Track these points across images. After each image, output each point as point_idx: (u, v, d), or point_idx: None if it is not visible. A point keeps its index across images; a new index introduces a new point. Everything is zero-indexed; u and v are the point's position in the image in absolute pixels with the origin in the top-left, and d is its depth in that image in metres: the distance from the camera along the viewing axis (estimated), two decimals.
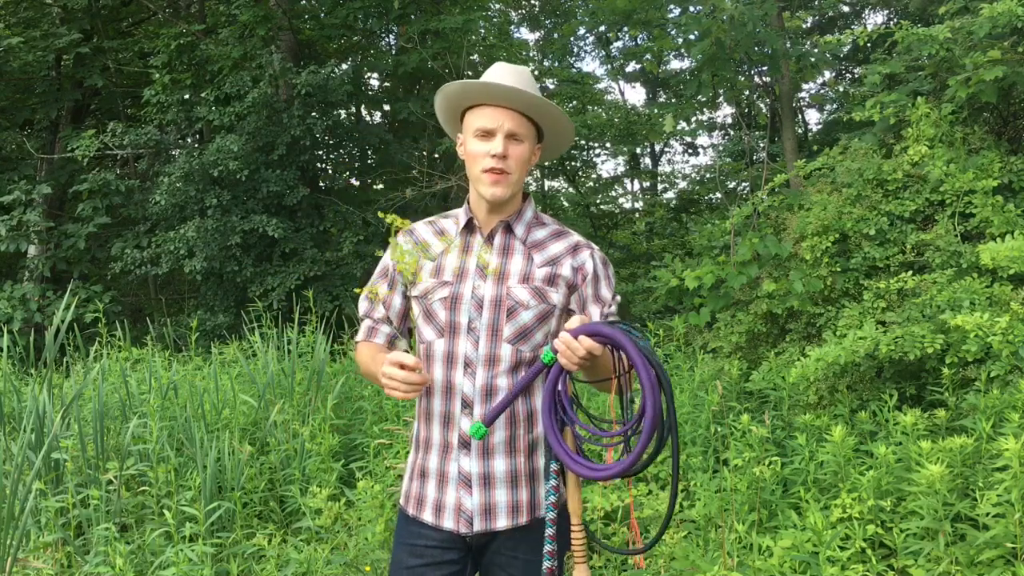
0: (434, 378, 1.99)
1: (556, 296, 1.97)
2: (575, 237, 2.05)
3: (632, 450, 1.72)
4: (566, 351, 1.77)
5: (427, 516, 2.00)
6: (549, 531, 1.89)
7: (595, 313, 2.00)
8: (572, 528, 1.90)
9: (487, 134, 1.94)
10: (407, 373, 1.82)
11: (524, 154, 1.97)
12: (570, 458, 1.81)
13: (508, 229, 2.01)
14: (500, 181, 1.94)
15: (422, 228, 2.10)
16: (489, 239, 2.01)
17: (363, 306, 2.13)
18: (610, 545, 1.97)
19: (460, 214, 2.07)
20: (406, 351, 2.02)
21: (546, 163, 16.10)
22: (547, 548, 1.88)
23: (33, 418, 4.44)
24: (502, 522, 1.96)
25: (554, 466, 1.90)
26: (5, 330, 6.98)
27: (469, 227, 2.04)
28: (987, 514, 2.87)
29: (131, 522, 4.02)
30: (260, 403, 5.10)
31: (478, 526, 1.96)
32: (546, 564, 1.88)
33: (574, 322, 1.79)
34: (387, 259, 2.10)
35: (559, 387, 1.84)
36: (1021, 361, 3.72)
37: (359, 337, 2.13)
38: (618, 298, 2.05)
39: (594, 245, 2.06)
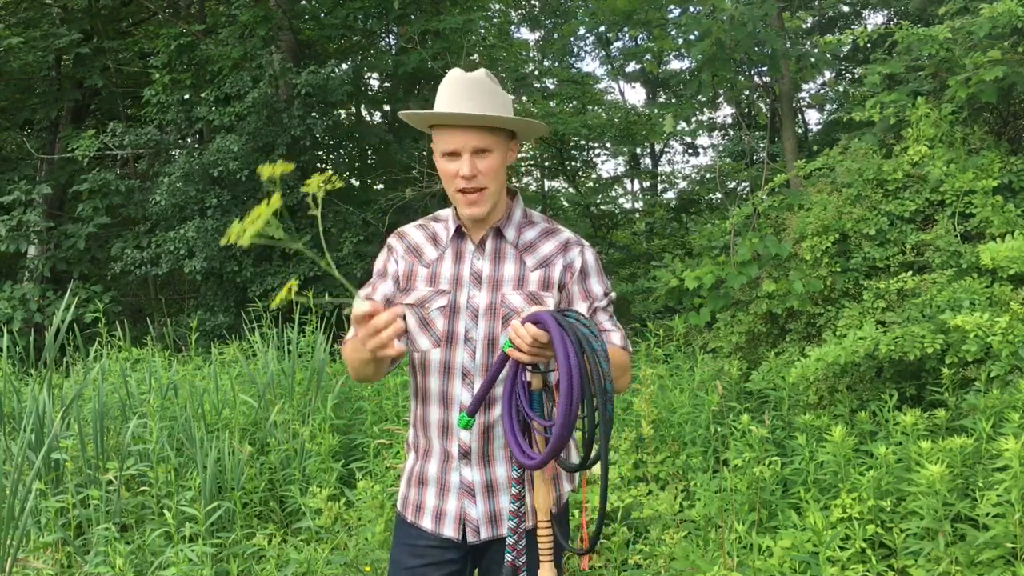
0: (430, 388, 1.98)
1: (551, 301, 1.95)
2: (565, 234, 2.02)
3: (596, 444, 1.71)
4: (516, 339, 1.75)
5: (426, 523, 1.99)
6: (510, 524, 1.87)
7: (582, 309, 1.97)
8: (539, 524, 1.87)
9: (453, 155, 1.90)
10: (370, 326, 1.65)
11: (494, 165, 1.91)
12: (516, 443, 1.79)
13: (498, 234, 1.99)
14: (476, 200, 1.90)
15: (413, 232, 2.06)
16: (480, 245, 1.98)
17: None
18: (571, 546, 1.95)
19: (449, 219, 2.02)
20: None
21: (546, 163, 16.13)
22: (509, 542, 1.87)
23: (33, 418, 4.44)
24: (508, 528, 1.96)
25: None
26: (5, 330, 6.98)
27: (459, 233, 2.01)
28: (987, 514, 2.87)
29: (131, 522, 4.02)
30: (260, 403, 5.10)
31: (485, 534, 1.96)
32: (508, 557, 1.87)
33: (527, 311, 1.78)
34: (381, 261, 2.07)
35: (519, 377, 1.81)
36: (1021, 361, 3.72)
37: (349, 335, 2.06)
38: (612, 295, 2.02)
39: (584, 241, 2.03)
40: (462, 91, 1.91)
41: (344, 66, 11.80)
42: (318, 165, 12.14)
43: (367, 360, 1.79)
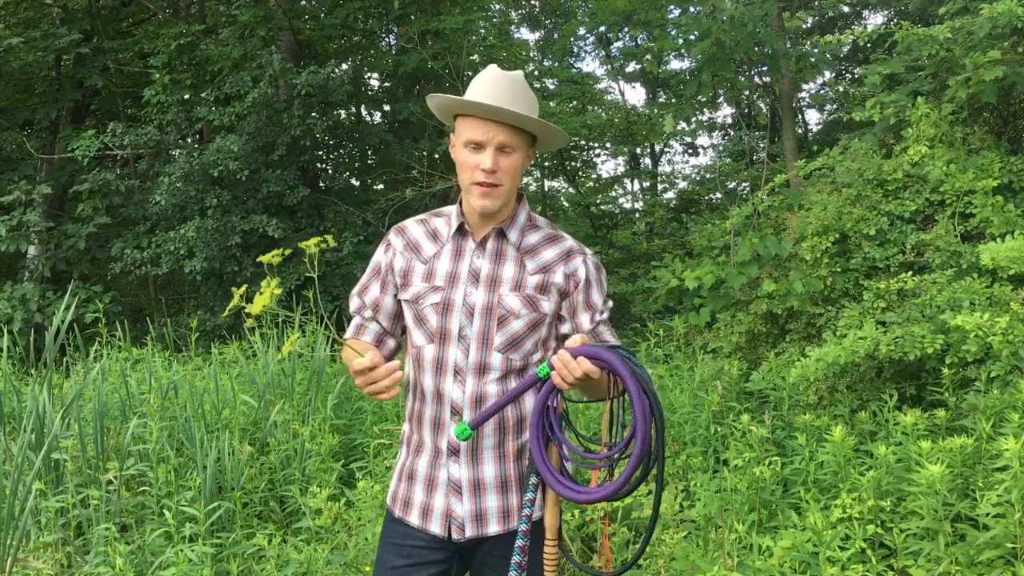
0: (424, 384, 1.98)
1: (547, 304, 1.95)
2: (568, 242, 2.02)
3: (616, 477, 1.74)
4: (563, 370, 1.75)
5: (413, 519, 1.99)
6: (519, 543, 1.87)
7: (584, 320, 1.98)
8: (546, 543, 1.89)
9: (477, 146, 1.90)
10: (369, 376, 1.78)
11: (515, 164, 1.92)
12: (553, 478, 1.80)
13: (501, 234, 1.98)
14: (490, 194, 1.90)
15: (413, 227, 2.07)
16: (481, 244, 1.98)
17: (353, 303, 2.10)
18: (584, 565, 1.98)
19: (452, 215, 2.02)
20: (378, 345, 2.04)
21: (546, 163, 16.12)
22: (515, 559, 1.86)
23: (33, 418, 4.44)
24: (493, 528, 1.96)
25: (533, 479, 1.88)
26: (5, 330, 6.98)
27: (461, 231, 2.00)
28: (987, 514, 2.87)
29: (131, 522, 4.03)
30: (260, 403, 5.10)
31: (470, 532, 1.96)
32: (515, 559, 1.87)
33: (575, 340, 1.78)
34: (379, 256, 2.08)
35: (550, 403, 1.82)
36: (1021, 361, 3.72)
37: (347, 334, 2.11)
38: (610, 303, 2.04)
39: (587, 250, 2.03)
40: (501, 87, 1.91)
41: (344, 66, 11.81)
42: (318, 165, 12.14)
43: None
